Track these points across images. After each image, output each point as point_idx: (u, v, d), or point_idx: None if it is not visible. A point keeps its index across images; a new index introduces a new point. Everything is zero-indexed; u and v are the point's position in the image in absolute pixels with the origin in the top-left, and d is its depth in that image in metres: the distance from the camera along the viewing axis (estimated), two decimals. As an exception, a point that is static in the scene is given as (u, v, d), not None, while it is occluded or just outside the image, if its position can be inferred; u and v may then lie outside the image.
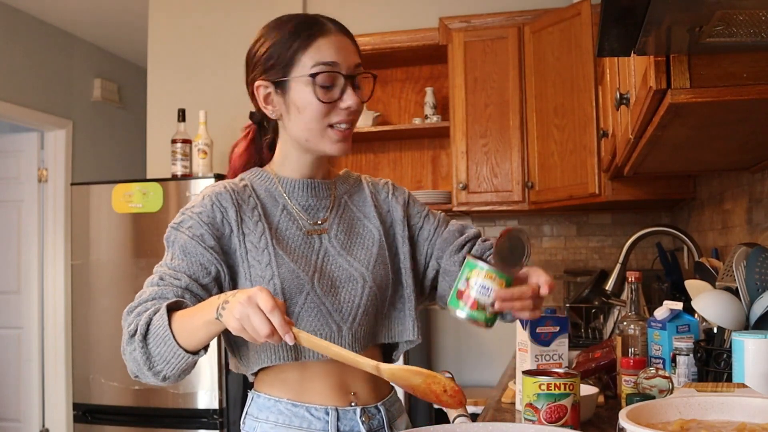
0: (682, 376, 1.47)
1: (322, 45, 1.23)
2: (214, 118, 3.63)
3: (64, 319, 4.54)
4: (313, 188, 1.32)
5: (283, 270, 1.21)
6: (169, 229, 1.26)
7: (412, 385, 1.06)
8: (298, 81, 1.22)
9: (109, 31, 4.88)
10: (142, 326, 1.10)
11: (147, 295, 1.16)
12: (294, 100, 1.24)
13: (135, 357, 1.11)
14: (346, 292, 1.26)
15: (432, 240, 1.40)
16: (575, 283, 3.31)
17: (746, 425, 0.95)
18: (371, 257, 1.31)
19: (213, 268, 1.20)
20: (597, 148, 2.83)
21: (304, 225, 1.29)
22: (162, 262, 1.23)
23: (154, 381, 1.13)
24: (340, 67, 1.23)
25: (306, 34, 1.23)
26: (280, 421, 1.23)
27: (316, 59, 1.21)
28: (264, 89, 1.26)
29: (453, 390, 1.06)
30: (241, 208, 1.25)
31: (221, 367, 3.11)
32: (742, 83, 1.01)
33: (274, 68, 1.24)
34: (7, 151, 4.74)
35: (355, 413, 1.25)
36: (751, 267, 1.37)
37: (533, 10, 3.29)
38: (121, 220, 3.25)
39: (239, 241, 1.23)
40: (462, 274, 1.13)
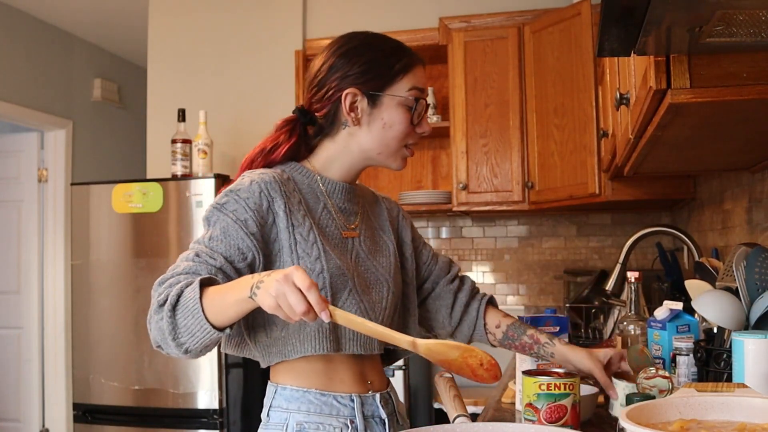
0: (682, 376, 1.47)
1: (418, 71, 1.34)
2: (214, 118, 3.63)
3: (64, 319, 4.54)
4: (349, 192, 1.39)
5: (332, 265, 1.26)
6: (211, 209, 1.26)
7: (448, 360, 1.08)
8: (393, 99, 1.31)
9: (109, 31, 4.88)
10: (173, 297, 1.10)
11: (181, 268, 1.17)
12: (383, 115, 1.31)
13: (161, 326, 1.12)
14: (376, 293, 1.34)
15: (429, 264, 1.54)
16: (575, 283, 3.31)
17: (746, 425, 0.95)
18: (390, 266, 1.40)
19: (250, 254, 1.21)
20: (597, 148, 2.83)
21: (340, 226, 1.34)
22: (199, 239, 1.23)
23: (176, 353, 1.14)
24: (425, 95, 1.35)
25: (407, 60, 1.33)
26: (312, 410, 1.27)
27: (414, 84, 1.32)
28: (353, 97, 1.31)
29: (489, 363, 1.08)
30: (289, 200, 1.27)
31: (221, 367, 3.11)
32: (742, 83, 1.01)
33: (371, 81, 1.31)
34: (7, 151, 4.74)
35: (375, 399, 1.32)
36: (751, 267, 1.37)
37: (533, 10, 3.29)
38: (121, 220, 3.25)
39: (289, 233, 1.25)
40: None
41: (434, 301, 1.54)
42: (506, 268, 3.69)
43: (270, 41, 3.78)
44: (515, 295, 3.68)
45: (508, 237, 3.70)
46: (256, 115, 3.73)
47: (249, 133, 3.72)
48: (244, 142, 3.73)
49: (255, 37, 3.81)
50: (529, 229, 3.68)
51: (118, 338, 3.23)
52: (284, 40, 3.75)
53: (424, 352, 1.09)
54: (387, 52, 1.32)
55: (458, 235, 3.76)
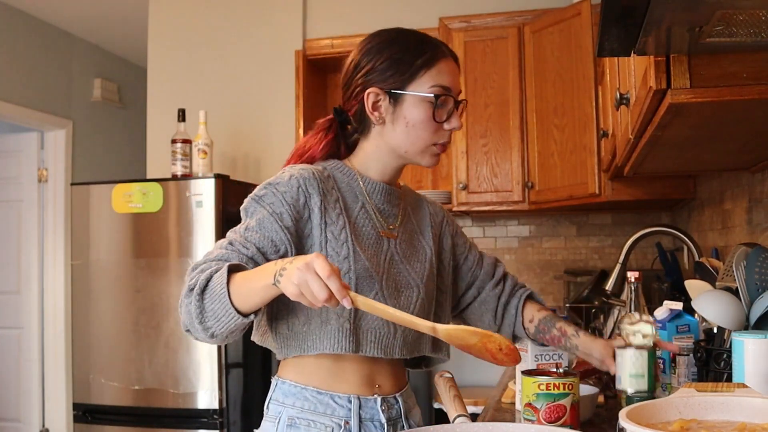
0: (682, 376, 1.47)
1: (443, 68, 1.31)
2: (214, 118, 3.63)
3: (64, 319, 4.54)
4: (389, 193, 1.38)
5: (359, 266, 1.26)
6: (249, 200, 1.27)
7: (468, 344, 1.10)
8: (415, 97, 1.29)
9: (109, 31, 4.88)
10: (202, 281, 1.12)
11: (214, 255, 1.19)
12: (405, 113, 1.30)
13: (190, 310, 1.14)
14: (405, 297, 1.34)
15: (474, 270, 1.54)
16: (575, 283, 3.31)
17: (746, 425, 0.95)
18: (424, 271, 1.39)
19: (283, 247, 1.22)
20: (597, 148, 2.83)
21: (378, 226, 1.34)
22: (236, 228, 1.25)
23: (203, 336, 1.16)
24: (452, 92, 1.32)
25: (430, 55, 1.30)
26: (306, 407, 1.28)
27: (437, 81, 1.29)
28: (375, 96, 1.30)
29: (508, 348, 1.09)
30: (326, 197, 1.28)
31: (221, 367, 3.11)
32: (742, 83, 1.01)
33: (392, 78, 1.29)
34: (7, 151, 4.74)
35: (376, 402, 1.31)
36: (751, 267, 1.37)
37: (533, 10, 3.29)
38: (121, 220, 3.25)
39: (321, 230, 1.26)
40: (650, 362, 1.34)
41: (480, 305, 1.54)
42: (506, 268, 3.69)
43: (270, 41, 3.78)
44: (515, 295, 3.67)
45: (508, 237, 3.70)
46: (256, 115, 3.73)
47: (249, 133, 3.72)
48: (244, 142, 3.74)
49: (255, 37, 3.81)
50: (529, 229, 3.68)
51: (118, 338, 3.23)
52: (284, 40, 3.75)
53: (444, 337, 1.10)
54: (409, 48, 1.30)
55: (458, 235, 3.75)
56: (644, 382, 1.33)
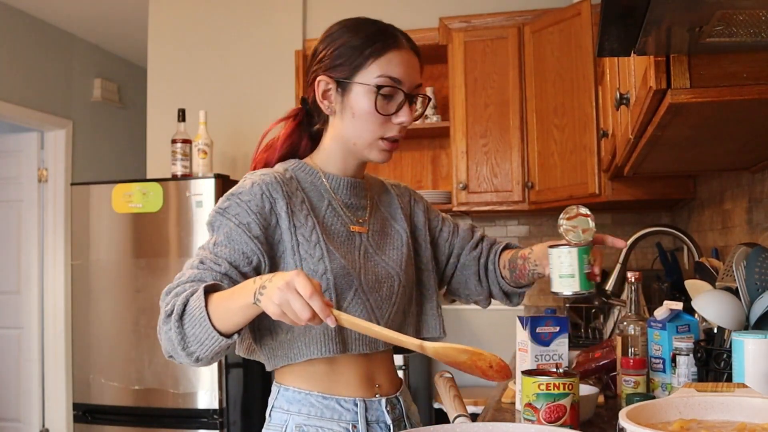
0: (682, 376, 1.47)
1: (393, 58, 1.26)
2: (214, 118, 3.63)
3: (64, 319, 4.54)
4: (354, 187, 1.35)
5: (335, 265, 1.24)
6: (214, 213, 1.24)
7: (457, 362, 1.08)
8: (361, 86, 1.25)
9: (109, 31, 4.88)
10: (179, 307, 1.10)
11: (186, 277, 1.16)
12: (351, 104, 1.26)
13: (170, 337, 1.11)
14: (386, 289, 1.32)
15: (451, 240, 1.51)
16: (575, 283, 3.30)
17: (746, 425, 0.95)
18: (402, 257, 1.37)
19: (255, 258, 1.20)
20: (597, 148, 2.83)
21: (348, 222, 1.32)
22: (204, 245, 1.22)
23: (187, 362, 1.13)
24: (403, 84, 1.26)
25: (381, 44, 1.26)
26: (312, 413, 1.26)
27: (385, 71, 1.25)
28: (324, 84, 1.29)
29: (499, 365, 1.07)
30: (291, 200, 1.25)
31: (221, 367, 3.11)
32: (742, 83, 1.01)
33: (340, 67, 1.27)
34: (7, 151, 4.74)
35: (381, 403, 1.30)
36: (751, 267, 1.37)
37: (533, 10, 3.29)
38: (121, 220, 3.25)
39: (291, 234, 1.23)
40: (581, 259, 1.29)
41: (462, 271, 1.51)
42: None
43: (270, 41, 3.78)
44: (515, 295, 3.67)
45: (508, 237, 3.70)
46: (256, 115, 3.73)
47: (249, 133, 3.72)
48: (244, 142, 3.74)
49: (255, 37, 3.81)
50: (529, 229, 3.67)
51: (118, 338, 3.23)
52: (284, 40, 3.75)
53: (432, 355, 1.07)
54: (362, 37, 1.27)
55: (458, 235, 3.75)
56: (576, 283, 1.27)
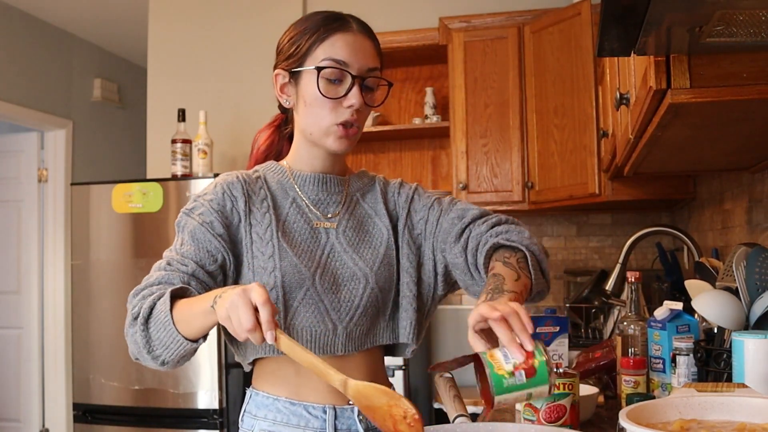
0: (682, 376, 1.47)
1: (338, 41, 1.24)
2: (214, 118, 3.63)
3: (64, 319, 4.54)
4: (324, 182, 1.32)
5: (285, 263, 1.22)
6: (181, 214, 1.26)
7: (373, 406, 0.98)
8: (308, 73, 1.24)
9: (109, 31, 4.88)
10: (145, 310, 1.10)
11: (153, 279, 1.17)
12: (302, 92, 1.26)
13: (136, 339, 1.12)
14: (347, 291, 1.26)
15: (435, 233, 1.34)
16: (575, 283, 3.31)
17: (746, 425, 0.95)
18: (377, 257, 1.30)
19: (219, 255, 1.21)
20: (597, 148, 2.83)
21: (313, 218, 1.29)
22: (172, 247, 1.23)
23: (153, 365, 1.15)
24: (351, 67, 1.23)
25: (325, 29, 1.24)
26: (278, 419, 1.23)
27: (328, 54, 1.23)
28: (282, 78, 1.30)
29: (413, 419, 0.96)
30: (251, 199, 1.26)
31: (221, 367, 3.11)
32: (742, 83, 1.01)
33: (291, 58, 1.27)
34: (7, 151, 4.74)
35: (353, 411, 1.25)
36: (751, 267, 1.37)
37: (533, 10, 3.29)
38: (121, 220, 3.25)
39: (246, 232, 1.24)
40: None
41: (453, 270, 1.33)
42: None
43: (270, 41, 3.75)
44: (515, 295, 3.67)
45: (508, 237, 3.69)
46: (256, 115, 3.72)
47: (249, 133, 3.70)
48: (244, 142, 3.73)
49: (255, 37, 3.81)
50: (529, 229, 3.66)
51: (118, 338, 3.21)
52: (284, 40, 3.75)
53: (353, 395, 0.99)
54: (311, 24, 1.26)
55: (458, 235, 3.75)
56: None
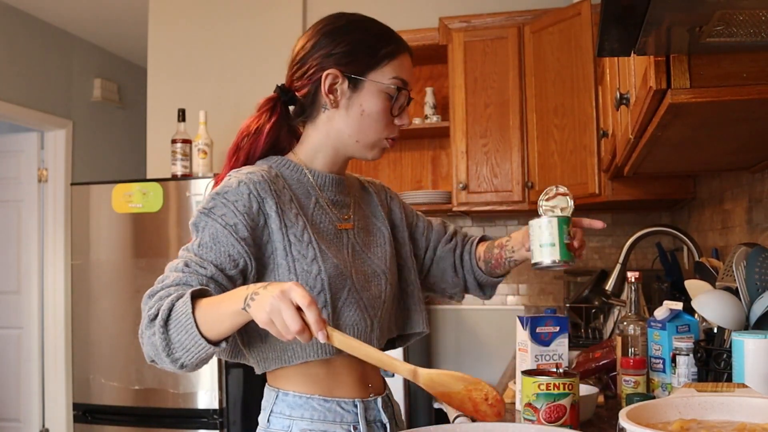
0: (682, 376, 1.47)
1: (405, 62, 1.29)
2: (214, 118, 3.63)
3: (64, 319, 4.54)
4: (339, 184, 1.33)
5: (329, 265, 1.21)
6: (198, 214, 1.19)
7: (450, 392, 1.02)
8: (374, 85, 1.25)
9: (109, 31, 4.88)
10: (164, 311, 1.05)
11: (170, 280, 1.11)
12: (362, 101, 1.26)
13: (153, 342, 1.07)
14: (375, 286, 1.31)
15: (426, 234, 1.51)
16: (575, 283, 3.31)
17: (746, 425, 0.95)
18: (386, 254, 1.36)
19: (242, 260, 1.16)
20: (597, 148, 2.83)
21: (335, 220, 1.30)
22: (188, 246, 1.17)
23: (171, 368, 1.10)
24: (409, 88, 1.30)
25: (395, 46, 1.28)
26: (316, 417, 1.24)
27: (398, 73, 1.27)
28: (333, 78, 1.26)
29: (495, 399, 1.01)
30: (280, 199, 1.21)
31: (221, 367, 3.11)
32: (742, 83, 1.01)
33: (354, 63, 1.25)
34: (7, 151, 4.74)
35: (377, 403, 1.30)
36: (751, 267, 1.37)
37: (533, 10, 3.29)
38: (121, 220, 3.25)
39: (282, 234, 1.19)
40: (561, 229, 1.28)
41: (438, 263, 1.51)
42: (506, 268, 3.69)
43: (270, 41, 3.78)
44: (515, 294, 3.67)
45: (508, 237, 3.69)
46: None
47: (249, 133, 3.72)
48: (244, 142, 3.74)
49: (255, 37, 3.81)
50: (529, 229, 3.67)
51: (118, 338, 3.23)
52: (284, 40, 3.74)
53: (426, 382, 1.02)
54: (375, 35, 1.27)
55: (458, 235, 3.75)
56: (556, 252, 1.27)
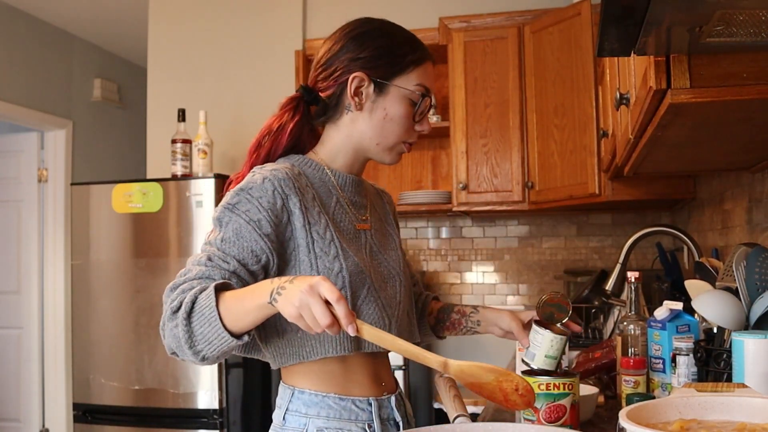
0: (682, 376, 1.47)
1: (429, 69, 1.32)
2: (214, 118, 3.63)
3: (64, 319, 4.54)
4: (359, 185, 1.36)
5: (350, 263, 1.23)
6: (222, 209, 1.19)
7: (480, 382, 1.04)
8: (399, 90, 1.28)
9: (109, 31, 4.88)
10: (188, 303, 1.06)
11: (193, 273, 1.12)
12: (386, 105, 1.28)
13: (176, 334, 1.08)
14: (391, 287, 1.32)
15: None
16: (575, 283, 3.31)
17: (746, 425, 0.95)
18: (399, 258, 1.39)
19: (264, 256, 1.17)
20: (597, 148, 2.83)
21: (354, 220, 1.32)
22: (210, 240, 1.17)
23: (192, 360, 1.11)
24: (431, 95, 1.32)
25: (420, 53, 1.31)
26: (332, 415, 1.25)
27: (422, 80, 1.30)
28: (359, 81, 1.28)
29: (525, 389, 1.03)
30: (304, 197, 1.22)
31: (221, 367, 3.11)
32: (742, 83, 1.01)
33: (381, 68, 1.28)
34: (7, 151, 4.74)
35: (390, 401, 1.31)
36: (751, 267, 1.37)
37: (533, 10, 3.29)
38: (121, 220, 3.25)
39: (306, 231, 1.21)
40: (563, 349, 1.37)
41: None
42: (506, 268, 3.69)
43: (270, 41, 3.78)
44: (515, 295, 3.68)
45: (508, 237, 3.70)
46: (256, 115, 3.72)
47: (249, 133, 3.70)
48: (244, 142, 3.72)
49: (255, 37, 3.81)
50: (529, 229, 3.68)
51: (118, 338, 3.23)
52: (284, 40, 3.75)
53: (456, 373, 1.04)
54: (401, 41, 1.31)
55: (458, 235, 3.76)
56: (554, 364, 1.36)
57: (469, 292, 3.73)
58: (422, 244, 3.79)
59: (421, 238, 3.79)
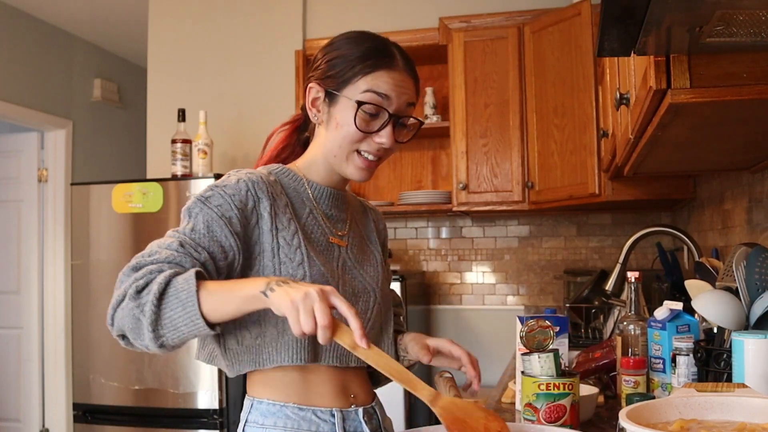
0: (682, 376, 1.47)
1: (383, 76, 1.23)
2: (214, 118, 3.63)
3: (64, 319, 4.54)
4: (337, 198, 1.34)
5: (315, 272, 1.21)
6: (194, 200, 1.18)
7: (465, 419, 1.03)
8: (347, 100, 1.24)
9: (109, 31, 4.88)
10: (160, 284, 1.03)
11: (163, 256, 1.09)
12: (336, 116, 1.25)
13: (135, 315, 1.04)
14: (362, 303, 1.30)
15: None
16: (575, 283, 3.31)
17: (746, 425, 0.95)
18: (378, 275, 1.36)
19: (232, 253, 1.15)
20: (597, 148, 2.83)
21: (327, 233, 1.30)
22: (179, 229, 1.15)
23: (146, 345, 1.07)
24: (390, 104, 1.24)
25: (372, 62, 1.23)
26: (289, 426, 1.22)
27: (370, 86, 1.22)
28: (315, 92, 1.28)
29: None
30: (275, 202, 1.22)
31: (221, 367, 3.11)
32: (742, 83, 1.01)
33: (331, 78, 1.26)
34: (7, 151, 4.74)
35: (358, 414, 1.27)
36: (751, 267, 1.37)
37: (533, 10, 3.29)
38: (121, 220, 3.25)
39: (272, 235, 1.20)
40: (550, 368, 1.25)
41: None
42: (506, 268, 3.69)
43: (270, 41, 3.78)
44: (515, 295, 3.68)
45: (508, 237, 3.70)
46: (256, 115, 3.73)
47: (249, 133, 3.72)
48: (244, 142, 3.74)
49: (255, 37, 3.81)
50: (529, 229, 3.68)
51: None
52: (284, 40, 3.75)
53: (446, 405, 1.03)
54: (358, 51, 1.25)
55: (458, 235, 3.76)
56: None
57: (469, 292, 3.73)
58: (422, 244, 3.79)
59: (421, 238, 3.80)
